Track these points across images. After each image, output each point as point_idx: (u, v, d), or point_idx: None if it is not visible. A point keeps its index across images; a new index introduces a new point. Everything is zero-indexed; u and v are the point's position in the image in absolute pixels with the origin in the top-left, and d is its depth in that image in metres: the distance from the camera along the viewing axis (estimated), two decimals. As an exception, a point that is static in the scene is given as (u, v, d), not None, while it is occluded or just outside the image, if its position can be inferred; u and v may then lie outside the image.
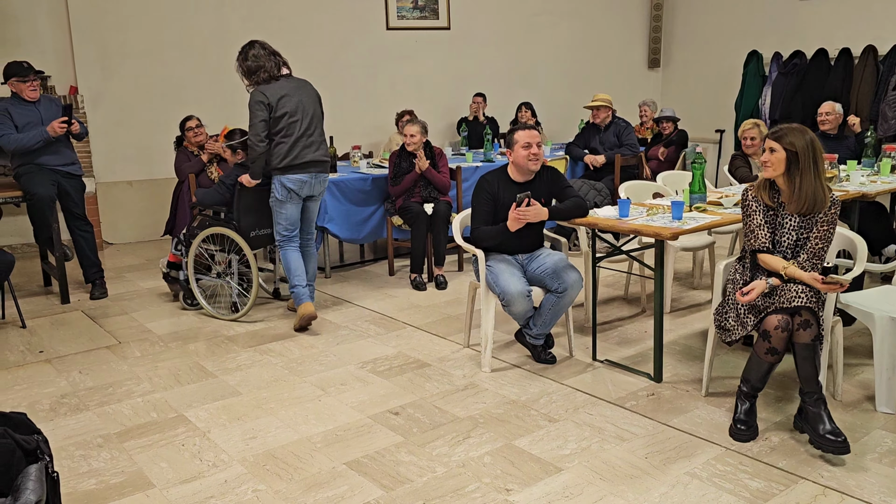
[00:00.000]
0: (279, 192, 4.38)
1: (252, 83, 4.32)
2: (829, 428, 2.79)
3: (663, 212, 3.76)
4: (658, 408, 3.28)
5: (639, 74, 9.70)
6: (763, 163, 3.00)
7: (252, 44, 4.37)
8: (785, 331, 2.83)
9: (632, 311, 4.67)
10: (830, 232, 2.97)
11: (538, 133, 3.69)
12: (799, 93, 7.95)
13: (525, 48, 8.91)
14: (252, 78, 4.32)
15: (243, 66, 4.32)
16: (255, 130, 4.30)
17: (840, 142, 5.52)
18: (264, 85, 4.31)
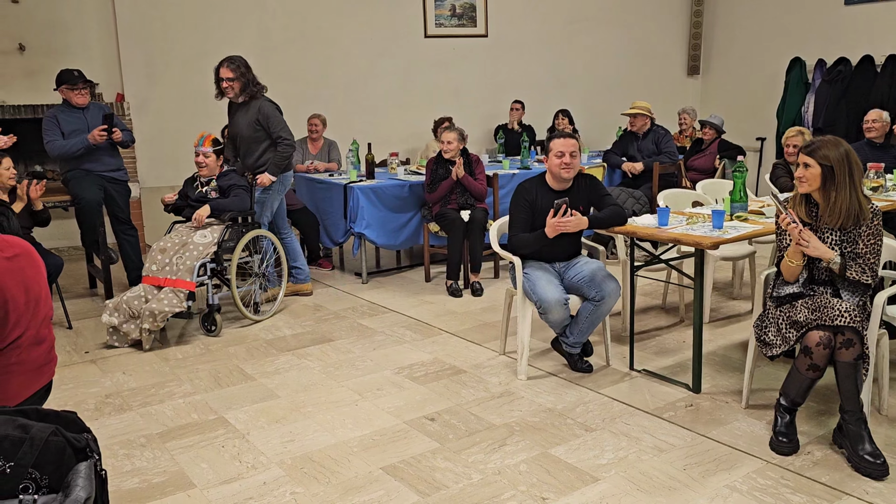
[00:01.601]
0: (280, 187, 5.06)
1: (246, 94, 4.85)
2: (868, 449, 2.73)
3: (703, 220, 3.72)
4: (697, 419, 3.24)
5: (678, 82, 9.60)
6: (798, 178, 2.94)
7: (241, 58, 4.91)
8: (827, 347, 2.78)
9: (670, 321, 4.62)
10: (878, 244, 2.91)
11: (575, 142, 3.69)
12: (843, 100, 7.79)
13: (563, 55, 8.89)
14: (249, 90, 4.84)
15: (248, 77, 4.83)
16: (288, 131, 4.96)
17: (887, 150, 5.40)
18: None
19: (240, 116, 4.90)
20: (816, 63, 8.10)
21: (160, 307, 4.17)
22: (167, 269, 4.30)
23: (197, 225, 4.46)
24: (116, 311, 4.22)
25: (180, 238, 4.40)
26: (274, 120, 4.83)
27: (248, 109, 4.84)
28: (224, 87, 4.80)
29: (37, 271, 2.11)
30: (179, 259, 4.30)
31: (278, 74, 7.33)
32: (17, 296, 2.00)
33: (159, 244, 4.38)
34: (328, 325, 4.67)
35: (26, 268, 2.07)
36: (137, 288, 4.30)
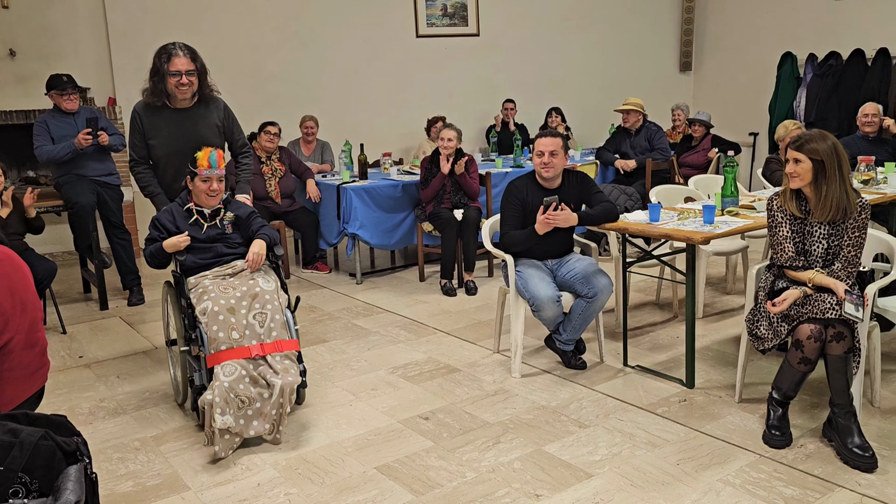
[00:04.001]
0: None
1: (206, 93, 3.70)
2: (857, 442, 2.75)
3: (695, 216, 3.73)
4: (690, 414, 3.25)
5: (670, 78, 9.62)
6: (789, 174, 2.94)
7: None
8: (818, 341, 2.79)
9: (663, 317, 4.63)
10: (862, 237, 2.92)
11: (558, 140, 3.69)
12: (835, 94, 7.82)
13: (555, 53, 8.90)
14: (206, 87, 3.69)
15: (205, 69, 3.66)
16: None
17: (880, 144, 5.41)
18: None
19: (186, 124, 3.64)
20: (808, 57, 8.13)
21: (286, 382, 3.03)
22: (255, 333, 3.14)
23: (254, 268, 3.34)
24: (227, 405, 2.96)
25: (241, 290, 3.20)
26: (237, 123, 3.88)
27: (203, 113, 3.68)
28: (179, 85, 3.53)
29: (21, 275, 2.11)
30: (261, 316, 3.17)
31: (271, 76, 7.34)
32: (1, 301, 2.00)
33: (221, 304, 3.13)
34: (322, 326, 4.67)
35: (10, 272, 2.07)
36: (230, 368, 3.04)
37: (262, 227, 3.47)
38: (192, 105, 3.67)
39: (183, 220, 3.41)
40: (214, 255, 3.40)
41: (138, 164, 3.73)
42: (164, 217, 3.42)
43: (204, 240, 3.40)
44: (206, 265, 3.38)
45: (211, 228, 3.42)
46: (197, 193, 3.37)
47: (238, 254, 3.43)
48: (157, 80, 3.55)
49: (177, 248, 3.33)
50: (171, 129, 3.64)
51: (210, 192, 3.34)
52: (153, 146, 3.67)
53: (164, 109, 3.62)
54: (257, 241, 3.39)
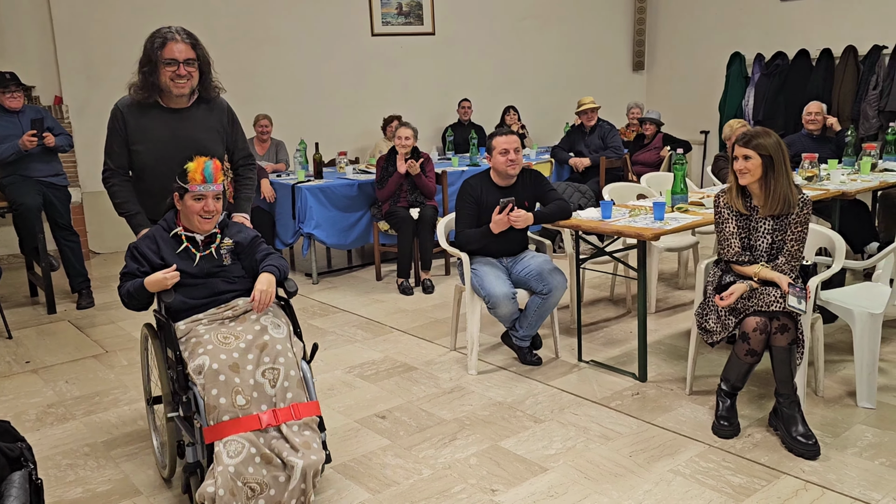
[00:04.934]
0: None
1: (206, 90, 2.99)
2: (801, 430, 2.83)
3: (646, 213, 3.79)
4: (643, 407, 3.31)
5: (624, 77, 9.76)
6: (739, 171, 3.00)
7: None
8: (763, 333, 2.87)
9: (617, 312, 4.70)
10: (804, 232, 3.01)
11: (517, 138, 3.73)
12: (781, 93, 8.03)
13: (510, 53, 8.96)
14: (209, 82, 2.99)
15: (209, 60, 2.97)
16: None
17: (824, 142, 5.58)
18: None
19: (181, 127, 2.92)
20: (755, 58, 8.33)
21: (309, 461, 2.39)
22: (266, 395, 2.47)
23: (261, 310, 2.61)
24: (234, 497, 2.33)
25: (245, 340, 2.53)
26: (241, 129, 3.19)
27: (204, 115, 2.99)
28: (175, 77, 2.83)
29: None
30: (272, 373, 2.51)
31: (224, 74, 7.18)
32: None
33: (221, 359, 2.45)
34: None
35: None
36: (236, 446, 2.37)
37: (269, 255, 2.76)
38: (191, 104, 2.94)
39: (169, 249, 2.68)
40: (210, 292, 2.69)
41: (115, 175, 2.95)
42: (144, 245, 2.68)
43: (196, 274, 2.68)
44: (200, 306, 2.67)
45: (205, 259, 2.70)
46: (187, 215, 2.65)
47: (239, 290, 2.73)
48: (148, 71, 2.83)
49: (162, 286, 2.59)
50: (163, 133, 2.89)
51: (204, 214, 2.63)
52: (138, 153, 2.92)
53: (154, 108, 2.90)
54: (265, 275, 2.65)
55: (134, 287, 2.64)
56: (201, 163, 2.63)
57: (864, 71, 7.45)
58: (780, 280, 2.91)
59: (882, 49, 7.34)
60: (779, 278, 2.91)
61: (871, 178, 4.83)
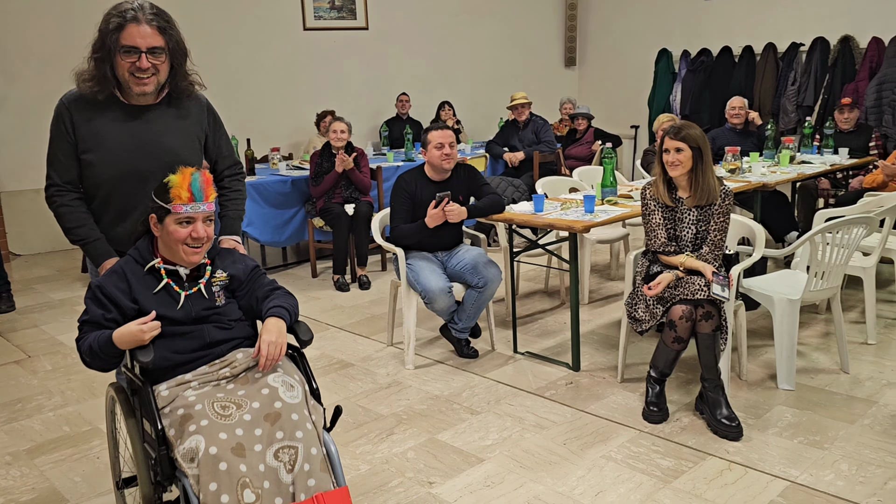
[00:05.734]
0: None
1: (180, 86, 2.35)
2: (725, 413, 2.95)
3: (577, 206, 3.87)
4: (576, 395, 3.38)
5: (556, 73, 9.90)
6: (671, 163, 3.08)
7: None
8: (689, 320, 2.97)
9: (552, 304, 4.78)
10: (727, 222, 3.12)
11: (452, 133, 3.75)
12: (707, 89, 8.29)
13: (445, 48, 8.98)
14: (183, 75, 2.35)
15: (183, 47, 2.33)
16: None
17: (747, 136, 5.79)
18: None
19: (147, 130, 2.30)
20: (681, 54, 8.57)
21: None
22: (281, 485, 1.92)
23: (269, 367, 2.05)
24: None
25: (251, 410, 1.97)
26: (225, 131, 2.57)
27: (176, 115, 2.36)
28: (136, 71, 2.20)
29: None
30: (287, 453, 1.94)
31: (150, 69, 7.02)
32: None
33: (221, 440, 1.89)
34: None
35: None
36: None
37: (274, 291, 2.20)
38: (159, 102, 2.32)
39: (144, 289, 2.06)
40: (199, 344, 2.09)
41: (62, 192, 2.29)
42: (110, 284, 2.05)
43: (182, 320, 2.07)
44: (187, 363, 2.08)
45: (192, 300, 2.10)
46: (169, 243, 2.06)
47: (237, 340, 2.16)
48: (101, 59, 2.19)
49: (138, 341, 1.96)
50: (123, 138, 2.26)
51: (192, 242, 2.05)
52: (90, 163, 2.27)
53: (111, 106, 2.27)
54: (272, 320, 2.09)
55: (99, 342, 1.97)
56: (187, 175, 2.04)
57: (783, 67, 7.75)
58: (704, 269, 3.01)
59: (799, 46, 7.65)
60: (703, 267, 3.01)
61: (789, 170, 5.03)
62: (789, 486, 2.57)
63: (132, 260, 2.11)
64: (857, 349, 3.77)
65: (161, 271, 2.09)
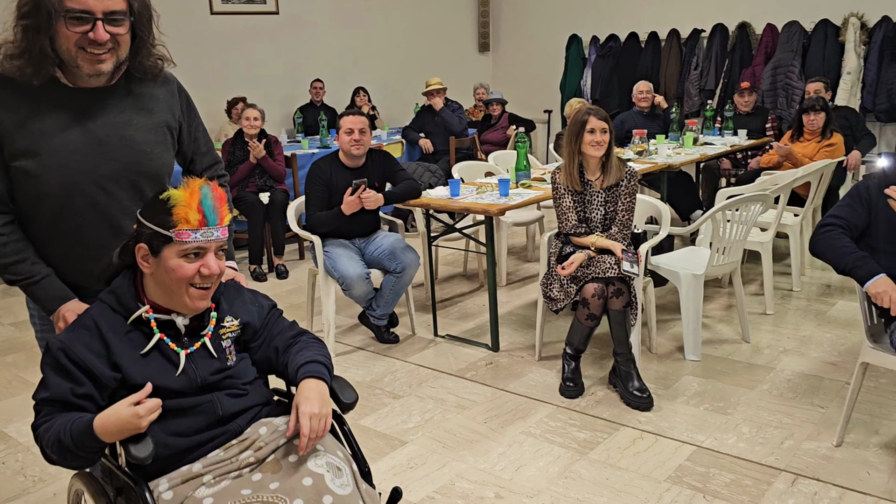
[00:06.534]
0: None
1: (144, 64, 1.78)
2: (637, 385, 3.08)
3: (492, 189, 3.93)
4: (496, 375, 3.46)
5: (470, 58, 9.97)
6: (597, 143, 3.13)
7: None
8: (601, 298, 3.08)
9: (471, 287, 4.85)
10: (633, 202, 3.25)
11: (364, 118, 3.74)
12: (615, 74, 8.52)
13: (358, 33, 8.90)
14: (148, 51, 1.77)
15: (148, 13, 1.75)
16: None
17: (653, 119, 6.00)
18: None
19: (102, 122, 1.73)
20: (591, 40, 8.77)
21: None
22: None
23: (310, 447, 1.55)
24: None
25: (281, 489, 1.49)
26: (201, 121, 2.02)
27: (139, 101, 1.80)
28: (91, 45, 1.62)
29: None
30: None
31: (46, 55, 6.68)
32: None
33: None
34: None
35: None
36: None
37: (299, 339, 1.75)
38: (115, 83, 1.75)
39: (128, 350, 1.54)
40: (209, 422, 1.60)
41: None
42: (79, 345, 1.50)
43: (183, 390, 1.57)
44: (194, 447, 1.58)
45: (196, 361, 1.60)
46: (168, 285, 1.54)
47: (255, 407, 1.67)
48: (35, 29, 1.59)
49: (132, 429, 1.44)
50: (72, 136, 1.69)
51: (202, 282, 1.55)
52: (26, 173, 1.68)
53: (50, 92, 1.68)
54: (311, 383, 1.59)
55: (73, 433, 1.43)
56: (195, 190, 1.53)
57: (686, 53, 8.05)
58: (613, 247, 3.12)
59: (701, 33, 7.95)
60: (613, 245, 3.13)
61: (693, 152, 5.26)
62: (696, 451, 2.72)
63: (108, 309, 1.55)
64: (756, 319, 3.99)
65: (151, 323, 1.55)
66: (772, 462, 2.62)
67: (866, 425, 2.83)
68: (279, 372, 1.73)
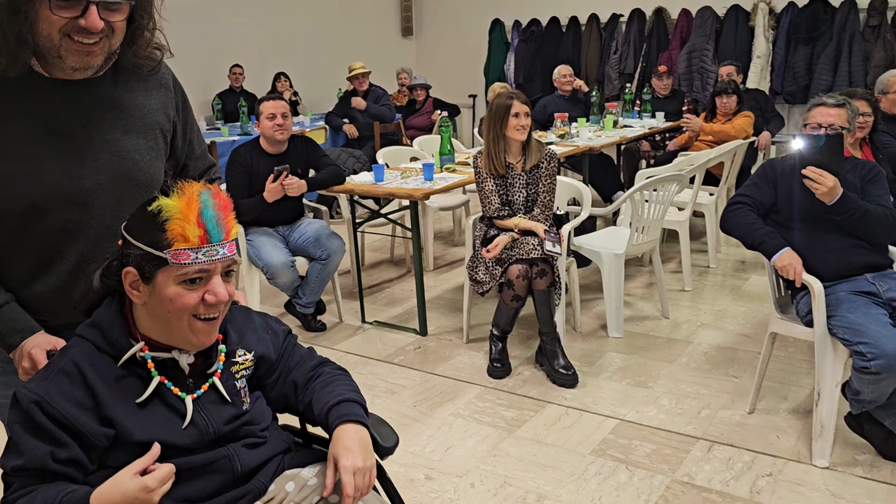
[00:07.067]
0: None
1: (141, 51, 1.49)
2: (562, 363, 3.16)
3: (416, 174, 3.93)
4: (424, 359, 3.47)
5: (394, 43, 9.90)
6: (523, 127, 3.17)
7: None
8: (525, 279, 3.13)
9: (399, 272, 4.85)
10: (554, 184, 3.31)
11: (285, 103, 3.68)
12: (538, 58, 8.62)
13: (279, 17, 8.71)
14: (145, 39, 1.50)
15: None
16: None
17: (575, 103, 6.10)
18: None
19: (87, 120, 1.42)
20: (513, 24, 8.84)
21: None
22: None
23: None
24: None
25: None
26: (194, 116, 1.74)
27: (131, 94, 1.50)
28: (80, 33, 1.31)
29: None
30: None
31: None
32: None
33: None
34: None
35: None
36: None
37: (321, 370, 1.48)
38: (101, 75, 1.46)
39: (120, 399, 1.26)
40: (225, 481, 1.34)
41: None
42: (57, 396, 1.21)
43: (192, 446, 1.30)
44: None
45: (205, 408, 1.33)
46: (165, 317, 1.26)
47: (275, 458, 1.41)
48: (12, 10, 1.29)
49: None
50: (46, 137, 1.40)
51: (208, 312, 1.27)
52: None
53: (26, 86, 1.39)
54: (350, 429, 1.35)
55: None
56: (194, 198, 1.23)
57: (605, 37, 8.21)
58: (536, 228, 3.17)
59: (619, 17, 8.12)
60: (535, 227, 3.18)
61: (613, 134, 5.38)
62: (619, 424, 2.80)
63: (91, 348, 1.25)
64: (675, 296, 4.13)
65: (148, 364, 1.26)
66: (689, 431, 2.73)
67: (776, 392, 2.98)
68: (298, 411, 1.47)
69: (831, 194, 2.45)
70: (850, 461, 2.49)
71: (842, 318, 2.38)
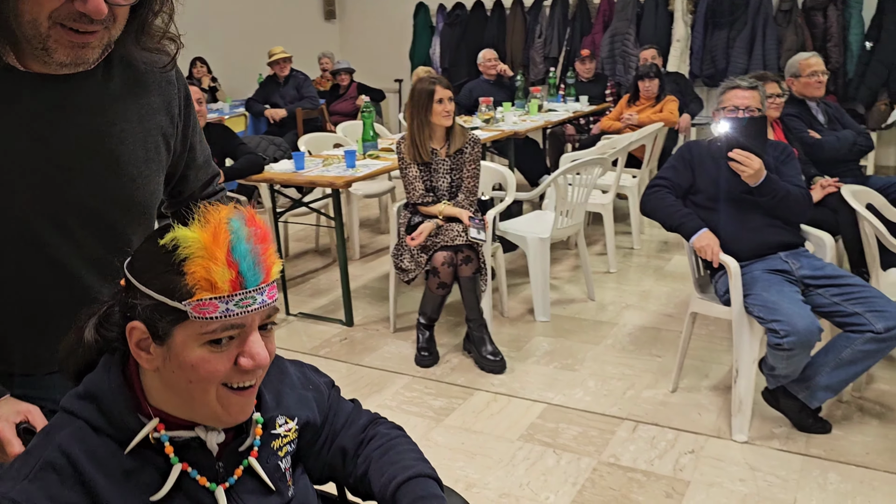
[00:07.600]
0: None
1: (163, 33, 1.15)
2: (489, 349, 3.14)
3: (339, 161, 3.84)
4: (351, 350, 3.41)
5: (315, 26, 9.68)
6: (448, 113, 3.13)
7: None
8: (450, 265, 3.09)
9: (324, 262, 4.75)
10: (478, 169, 3.28)
11: (198, 90, 3.54)
12: (463, 42, 8.57)
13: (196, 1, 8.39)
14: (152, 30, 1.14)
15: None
16: None
17: (500, 87, 6.08)
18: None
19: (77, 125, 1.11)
20: (438, 8, 8.76)
21: None
22: None
23: None
24: None
25: None
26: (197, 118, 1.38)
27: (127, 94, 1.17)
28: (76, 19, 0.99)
29: None
30: None
31: None
32: None
33: None
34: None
35: None
36: None
37: (373, 429, 1.18)
38: (93, 70, 1.12)
39: (128, 495, 0.90)
40: None
41: None
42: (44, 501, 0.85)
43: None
44: None
45: (242, 499, 0.99)
46: (186, 389, 0.91)
47: None
48: None
49: None
50: (23, 145, 1.08)
51: (242, 380, 0.92)
52: None
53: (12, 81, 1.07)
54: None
55: None
56: (221, 227, 0.88)
57: (530, 21, 8.22)
58: (461, 214, 3.14)
59: (543, 2, 8.14)
60: (460, 213, 3.14)
61: (538, 118, 5.39)
62: (546, 408, 2.81)
63: (87, 428, 0.92)
64: (601, 278, 4.18)
65: (166, 448, 0.94)
66: (615, 412, 2.76)
67: (698, 370, 3.04)
68: (348, 484, 1.15)
69: (757, 176, 2.50)
70: (768, 434, 2.56)
71: (756, 296, 2.43)
